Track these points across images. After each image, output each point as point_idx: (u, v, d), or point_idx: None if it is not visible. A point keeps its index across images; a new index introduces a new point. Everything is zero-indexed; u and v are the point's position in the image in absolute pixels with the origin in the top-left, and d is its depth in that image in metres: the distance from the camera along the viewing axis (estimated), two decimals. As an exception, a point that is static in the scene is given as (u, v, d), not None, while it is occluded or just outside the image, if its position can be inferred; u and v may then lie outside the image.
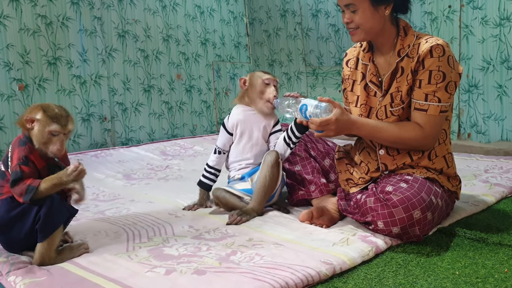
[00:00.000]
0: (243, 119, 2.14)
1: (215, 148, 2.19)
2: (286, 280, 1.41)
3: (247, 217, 1.96)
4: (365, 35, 1.85)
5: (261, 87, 2.10)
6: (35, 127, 1.61)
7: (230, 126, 2.15)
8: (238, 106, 2.20)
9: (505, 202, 2.21)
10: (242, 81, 2.17)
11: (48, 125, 1.60)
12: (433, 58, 1.77)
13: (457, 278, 1.45)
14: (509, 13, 3.14)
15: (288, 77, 4.59)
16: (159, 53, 4.23)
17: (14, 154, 1.60)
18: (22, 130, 1.65)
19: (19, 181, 1.55)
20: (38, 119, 1.61)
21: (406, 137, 1.82)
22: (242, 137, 2.13)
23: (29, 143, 1.61)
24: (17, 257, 1.63)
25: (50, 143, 1.61)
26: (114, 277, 1.47)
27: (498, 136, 3.29)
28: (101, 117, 3.88)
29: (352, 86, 2.03)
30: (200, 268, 1.51)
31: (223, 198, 2.08)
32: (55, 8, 3.62)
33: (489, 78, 3.29)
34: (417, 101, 1.81)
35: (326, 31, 4.23)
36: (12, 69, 3.42)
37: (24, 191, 1.54)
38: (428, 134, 1.81)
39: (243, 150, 2.13)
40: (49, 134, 1.60)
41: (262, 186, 2.01)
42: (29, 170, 1.57)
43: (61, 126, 1.61)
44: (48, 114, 1.61)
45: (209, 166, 2.19)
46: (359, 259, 1.58)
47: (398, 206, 1.69)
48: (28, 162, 1.58)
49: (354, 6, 1.81)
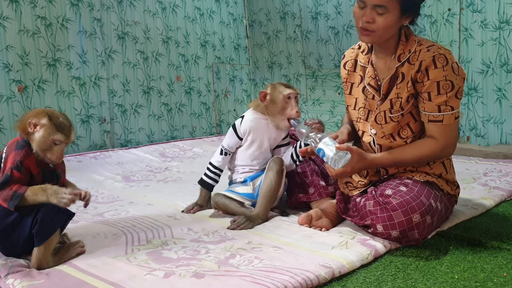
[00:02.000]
0: (256, 127, 2.11)
1: (221, 149, 2.15)
2: (285, 284, 1.41)
3: (251, 224, 1.94)
4: (378, 38, 1.80)
5: (282, 103, 2.04)
6: (37, 132, 1.59)
7: (242, 131, 2.11)
8: (252, 112, 2.14)
9: (504, 205, 2.20)
10: (262, 95, 2.08)
11: (53, 134, 1.59)
12: (438, 69, 1.75)
13: (456, 282, 1.45)
14: (509, 17, 3.14)
15: (287, 79, 4.59)
16: (159, 55, 4.23)
17: (10, 157, 1.58)
18: (21, 133, 1.63)
19: (6, 186, 1.53)
20: (43, 124, 1.59)
21: (426, 154, 1.83)
22: (252, 145, 2.11)
23: (27, 147, 1.60)
24: (15, 260, 1.63)
25: (50, 151, 1.60)
26: (113, 280, 1.47)
27: (497, 139, 3.29)
28: (100, 118, 3.88)
29: (350, 89, 2.02)
30: (199, 271, 1.51)
31: (222, 204, 2.07)
32: (55, 10, 3.61)
33: (488, 81, 3.29)
34: (431, 114, 1.79)
35: (325, 33, 4.23)
36: (12, 70, 3.42)
37: (9, 197, 1.52)
38: (445, 144, 1.81)
39: (250, 157, 2.12)
40: (52, 142, 1.59)
41: (267, 192, 2.00)
42: (19, 176, 1.55)
43: (65, 136, 1.61)
44: (54, 122, 1.60)
45: (213, 166, 2.16)
46: (358, 263, 1.58)
47: (397, 210, 1.69)
48: (21, 168, 1.56)
49: (386, 9, 1.73)
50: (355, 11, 1.81)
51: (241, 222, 1.93)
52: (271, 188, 2.00)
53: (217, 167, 2.16)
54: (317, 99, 4.40)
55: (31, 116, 1.61)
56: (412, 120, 1.86)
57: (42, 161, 1.62)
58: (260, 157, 2.12)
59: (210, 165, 2.17)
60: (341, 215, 1.92)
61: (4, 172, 1.56)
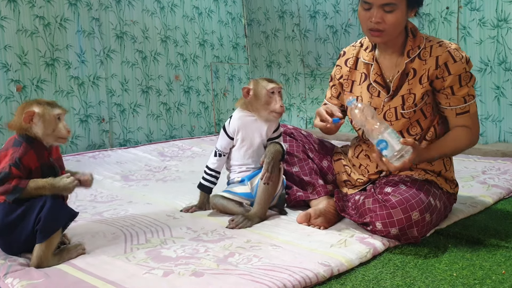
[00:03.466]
0: (245, 126, 2.10)
1: (215, 151, 2.16)
2: (284, 282, 1.41)
3: (250, 223, 1.94)
4: (389, 36, 1.80)
5: (266, 98, 2.03)
6: (36, 120, 1.61)
7: (231, 131, 2.11)
8: (239, 110, 2.15)
9: (503, 203, 2.21)
10: (245, 91, 2.08)
11: (52, 110, 1.62)
12: (457, 63, 1.78)
13: (455, 280, 1.46)
14: (507, 15, 3.15)
15: (286, 78, 4.60)
16: (157, 54, 4.23)
17: (8, 153, 1.59)
18: (17, 131, 1.64)
19: (3, 181, 1.54)
20: (38, 110, 1.61)
21: (465, 144, 1.86)
22: (243, 143, 2.11)
23: (25, 142, 1.61)
24: (14, 259, 1.63)
25: (57, 129, 1.63)
26: (112, 279, 1.47)
27: (495, 138, 3.30)
28: (99, 118, 3.88)
29: (351, 87, 2.01)
30: (198, 270, 1.51)
31: (220, 205, 2.06)
32: (53, 9, 3.61)
33: (486, 80, 3.29)
34: (457, 107, 1.83)
35: (324, 32, 4.23)
36: (10, 70, 3.42)
37: (9, 190, 1.54)
38: (475, 132, 1.88)
39: (244, 155, 2.11)
40: (55, 119, 1.62)
41: (264, 190, 2.00)
42: (17, 173, 1.56)
43: (61, 108, 1.65)
44: (44, 103, 1.63)
45: (209, 169, 2.16)
46: (357, 261, 1.59)
47: (396, 207, 1.70)
48: (20, 165, 1.56)
49: (394, 6, 1.73)
50: (360, 13, 1.80)
51: (239, 221, 1.93)
52: (268, 187, 2.00)
53: (212, 169, 2.15)
54: (315, 98, 4.40)
55: (20, 113, 1.62)
56: (422, 117, 1.87)
57: (43, 154, 1.63)
58: (254, 155, 2.11)
59: (207, 168, 2.16)
60: (340, 213, 1.92)
61: (0, 168, 1.57)
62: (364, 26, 1.81)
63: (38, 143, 1.63)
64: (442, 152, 1.86)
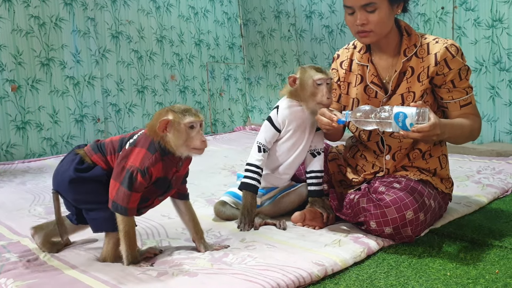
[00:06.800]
0: (295, 116, 1.93)
1: (258, 146, 1.94)
2: (277, 281, 1.41)
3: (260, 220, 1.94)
4: (378, 36, 1.80)
5: (312, 89, 1.86)
6: (170, 131, 1.52)
7: (281, 121, 1.93)
8: (286, 99, 1.97)
9: (497, 203, 2.21)
10: (291, 79, 1.92)
11: (182, 119, 1.51)
12: (456, 58, 1.80)
13: (449, 279, 1.46)
14: (501, 15, 3.16)
15: (282, 78, 4.60)
16: (153, 54, 4.23)
17: (140, 152, 1.52)
18: (154, 137, 1.54)
19: (127, 184, 1.50)
20: (171, 119, 1.51)
21: (476, 128, 1.88)
22: (293, 136, 1.95)
23: (159, 152, 1.53)
24: (7, 258, 1.62)
25: (190, 139, 1.52)
26: (106, 279, 1.47)
27: (490, 137, 3.31)
28: (95, 118, 3.88)
29: (347, 89, 2.02)
30: (192, 270, 1.51)
31: (223, 213, 2.03)
32: (48, 9, 3.61)
33: (481, 79, 3.30)
34: (460, 99, 1.85)
35: (319, 32, 4.24)
36: (5, 70, 3.41)
37: (116, 205, 1.52)
38: (480, 118, 1.91)
39: (288, 151, 1.96)
40: (186, 128, 1.51)
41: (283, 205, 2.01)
42: (141, 182, 1.51)
43: (194, 116, 1.53)
44: (177, 111, 1.53)
45: (256, 167, 1.92)
46: (351, 260, 1.59)
47: (390, 206, 1.70)
48: (146, 175, 1.51)
49: (374, 5, 1.74)
50: (347, 19, 1.83)
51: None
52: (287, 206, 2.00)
53: (259, 166, 1.93)
54: (311, 98, 4.40)
55: (157, 119, 1.54)
56: None
57: (170, 170, 1.57)
58: (294, 163, 1.99)
59: (253, 166, 1.93)
60: (334, 213, 1.92)
61: (128, 165, 1.52)
62: (352, 31, 1.84)
63: (170, 156, 1.55)
64: (460, 130, 1.81)
